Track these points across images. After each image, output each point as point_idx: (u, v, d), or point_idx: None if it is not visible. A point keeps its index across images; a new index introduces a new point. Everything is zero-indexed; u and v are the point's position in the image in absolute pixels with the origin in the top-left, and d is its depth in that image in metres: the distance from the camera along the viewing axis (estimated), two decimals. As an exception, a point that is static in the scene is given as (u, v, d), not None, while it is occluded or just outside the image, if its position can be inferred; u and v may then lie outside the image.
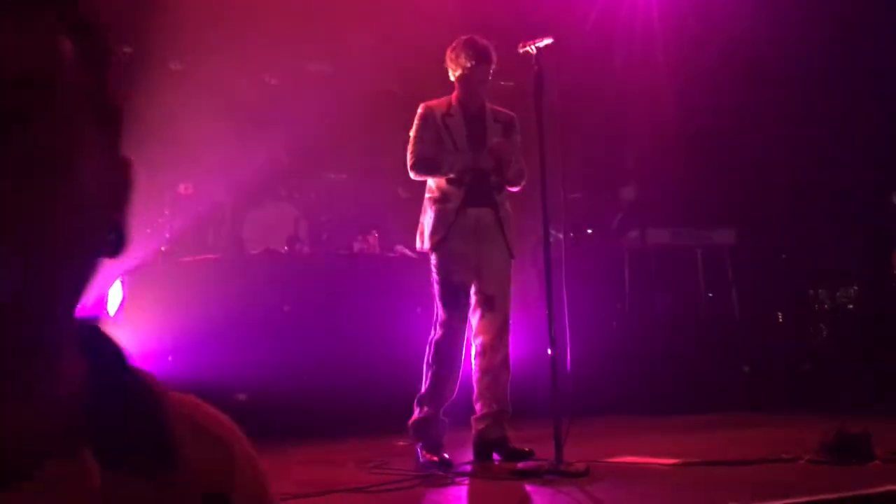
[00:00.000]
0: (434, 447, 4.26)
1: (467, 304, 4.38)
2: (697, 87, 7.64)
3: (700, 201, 7.50)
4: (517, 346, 4.57)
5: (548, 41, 4.16)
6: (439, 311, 4.38)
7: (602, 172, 7.70)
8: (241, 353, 5.43)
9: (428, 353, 4.38)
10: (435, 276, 4.39)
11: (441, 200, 4.39)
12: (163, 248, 6.17)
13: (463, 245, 4.34)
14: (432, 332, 4.39)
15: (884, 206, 7.19)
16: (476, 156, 4.37)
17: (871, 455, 4.02)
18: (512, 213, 4.50)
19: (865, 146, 7.43)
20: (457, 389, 4.39)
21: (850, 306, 7.50)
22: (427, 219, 4.43)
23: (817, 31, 7.51)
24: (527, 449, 4.25)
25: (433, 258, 4.40)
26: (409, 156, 4.41)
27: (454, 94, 4.50)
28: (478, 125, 4.48)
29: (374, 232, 6.87)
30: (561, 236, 5.07)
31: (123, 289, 5.71)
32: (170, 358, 5.34)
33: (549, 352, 4.03)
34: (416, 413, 4.37)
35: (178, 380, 5.32)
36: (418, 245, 4.52)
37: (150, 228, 6.24)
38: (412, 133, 4.46)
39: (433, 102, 4.50)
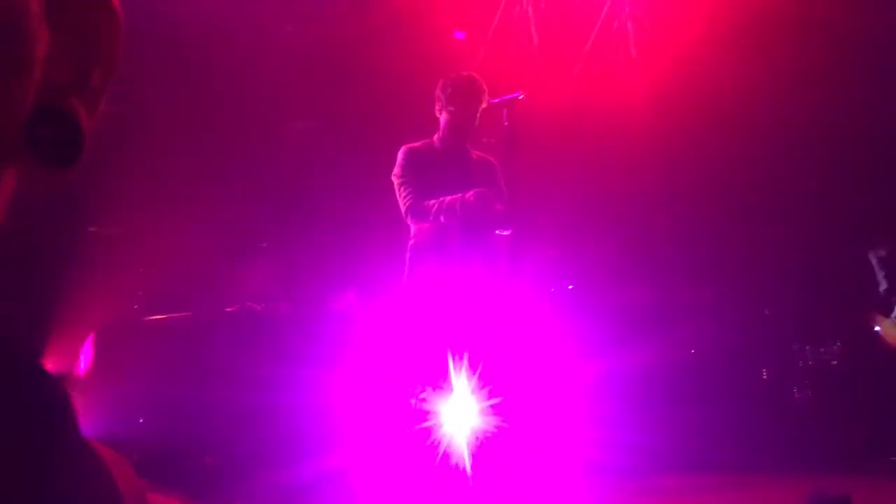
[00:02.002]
0: None
1: (460, 352, 4.24)
2: (678, 145, 7.68)
3: (681, 258, 7.49)
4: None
5: (517, 95, 4.15)
6: (432, 366, 4.28)
7: (581, 228, 7.68)
8: (213, 414, 5.34)
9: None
10: (425, 325, 4.29)
11: (435, 248, 4.31)
12: (136, 306, 6.10)
13: (454, 295, 4.26)
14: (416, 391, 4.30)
15: (862, 263, 7.19)
16: (465, 195, 4.24)
17: (851, 520, 3.95)
18: (497, 260, 4.41)
19: (844, 203, 7.45)
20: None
21: (834, 362, 7.44)
22: (418, 266, 4.35)
23: (797, 87, 7.59)
24: None
25: (424, 308, 4.30)
26: (402, 201, 4.30)
27: (437, 136, 4.42)
28: (462, 167, 4.38)
29: (352, 289, 6.83)
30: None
31: (94, 347, 5.62)
32: (140, 420, 5.23)
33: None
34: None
35: (150, 442, 5.22)
36: (406, 293, 4.42)
37: (123, 285, 6.17)
38: (397, 177, 4.35)
39: (415, 144, 4.43)
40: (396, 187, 4.30)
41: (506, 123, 4.11)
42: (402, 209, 4.25)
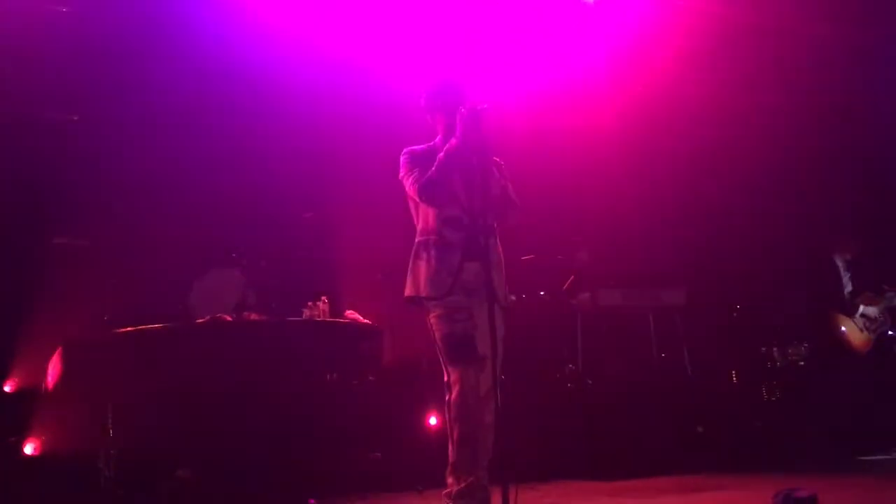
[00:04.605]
0: None
1: (477, 354, 4.12)
2: (648, 151, 7.76)
3: (650, 262, 7.55)
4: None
5: (483, 106, 4.18)
6: (449, 370, 4.16)
7: (553, 235, 7.73)
8: (186, 425, 5.30)
9: (448, 416, 4.14)
10: (437, 331, 4.20)
11: (441, 246, 4.25)
12: (105, 318, 6.05)
13: (464, 298, 4.21)
14: (447, 395, 4.15)
15: (828, 266, 7.29)
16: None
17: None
18: (502, 260, 4.36)
19: (811, 207, 7.57)
20: (492, 448, 4.11)
21: (802, 363, 7.54)
22: (424, 265, 4.26)
23: (767, 93, 7.71)
24: None
25: (434, 312, 4.21)
26: (412, 187, 4.25)
27: (437, 139, 4.41)
28: (464, 165, 4.27)
29: (324, 297, 6.81)
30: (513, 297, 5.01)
31: (63, 360, 5.56)
32: (111, 432, 5.18)
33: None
34: (453, 485, 4.12)
35: (120, 455, 5.18)
36: (409, 291, 4.29)
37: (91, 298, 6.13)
38: (404, 172, 4.29)
39: (417, 147, 4.41)
40: (404, 179, 4.26)
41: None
42: (416, 192, 4.18)
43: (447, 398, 4.17)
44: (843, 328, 7.09)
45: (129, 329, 5.82)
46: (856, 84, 7.77)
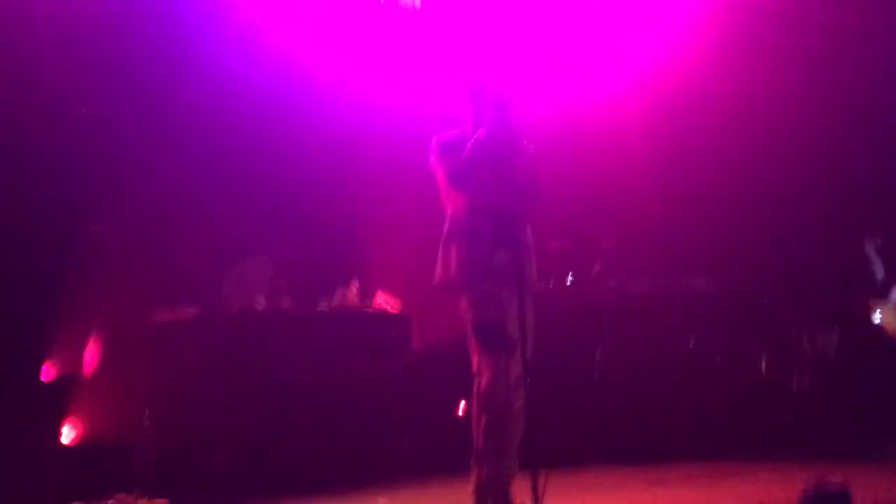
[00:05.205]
0: (505, 500, 4.06)
1: (509, 342, 4.08)
2: (674, 137, 7.71)
3: (678, 249, 7.53)
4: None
5: (511, 94, 4.20)
6: (481, 359, 4.14)
7: (580, 221, 7.72)
8: (221, 413, 5.38)
9: (476, 406, 4.13)
10: (469, 315, 4.20)
11: (472, 234, 4.25)
12: (142, 307, 6.12)
13: (494, 286, 4.18)
14: (475, 384, 4.14)
15: (860, 252, 7.23)
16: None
17: (851, 509, 4.00)
18: (532, 247, 4.36)
19: (843, 194, 7.50)
20: (520, 437, 4.10)
21: (833, 351, 7.48)
22: (455, 252, 4.25)
23: (794, 76, 7.62)
24: None
25: (466, 299, 4.21)
26: (442, 173, 4.27)
27: (468, 127, 4.42)
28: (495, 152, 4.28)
29: (355, 281, 6.87)
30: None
31: (100, 348, 5.66)
32: (147, 420, 5.28)
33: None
34: (478, 474, 4.11)
35: (157, 442, 5.28)
36: (440, 277, 4.28)
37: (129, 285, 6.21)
38: (435, 159, 4.32)
39: (446, 134, 4.43)
40: (435, 167, 4.29)
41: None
42: (447, 179, 4.22)
43: (475, 386, 4.17)
44: (878, 314, 7.03)
45: (165, 318, 5.90)
46: (884, 67, 7.67)
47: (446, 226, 4.38)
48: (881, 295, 7.06)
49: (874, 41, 7.51)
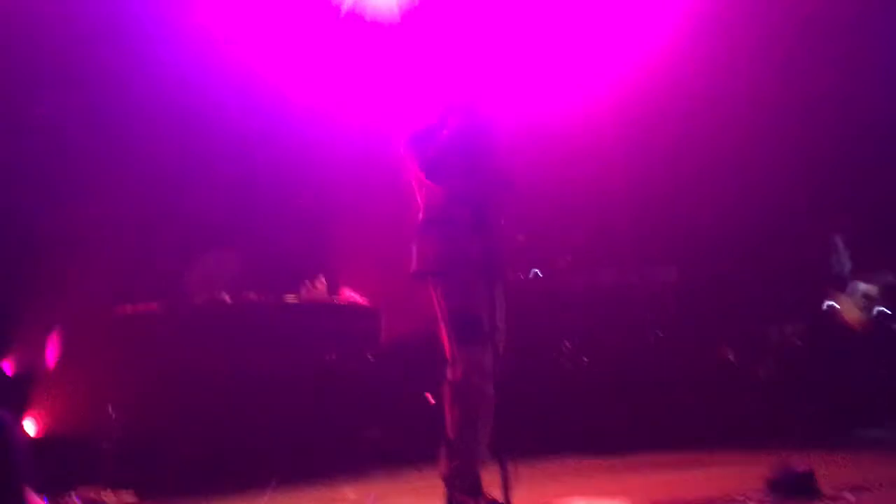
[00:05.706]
0: (475, 490, 3.99)
1: (484, 331, 4.01)
2: (642, 131, 7.76)
3: (647, 240, 7.58)
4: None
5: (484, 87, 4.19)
6: (453, 348, 4.07)
7: (548, 215, 7.73)
8: (184, 405, 5.33)
9: (448, 396, 4.06)
10: (444, 305, 4.11)
11: (449, 223, 4.19)
12: (103, 299, 6.04)
13: (470, 274, 4.11)
14: (448, 373, 4.08)
15: (824, 244, 7.33)
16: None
17: (817, 492, 4.04)
18: (505, 236, 4.31)
19: (809, 185, 7.58)
20: (491, 429, 4.02)
21: (798, 342, 7.56)
22: (430, 241, 4.19)
23: (761, 70, 7.70)
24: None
25: (441, 288, 4.14)
26: (415, 164, 4.21)
27: (439, 118, 4.37)
28: None
29: (321, 276, 6.83)
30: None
31: (60, 340, 5.58)
32: (111, 413, 5.21)
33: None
34: (448, 463, 4.05)
35: (122, 433, 5.21)
36: (416, 267, 4.21)
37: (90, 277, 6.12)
38: (405, 149, 4.23)
39: (417, 126, 4.36)
40: (407, 158, 4.20)
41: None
42: (423, 169, 4.12)
43: (448, 376, 4.12)
44: (839, 306, 7.13)
45: (126, 309, 5.83)
46: (854, 62, 7.77)
47: (421, 215, 4.34)
48: (841, 287, 7.16)
49: (847, 38, 7.61)
